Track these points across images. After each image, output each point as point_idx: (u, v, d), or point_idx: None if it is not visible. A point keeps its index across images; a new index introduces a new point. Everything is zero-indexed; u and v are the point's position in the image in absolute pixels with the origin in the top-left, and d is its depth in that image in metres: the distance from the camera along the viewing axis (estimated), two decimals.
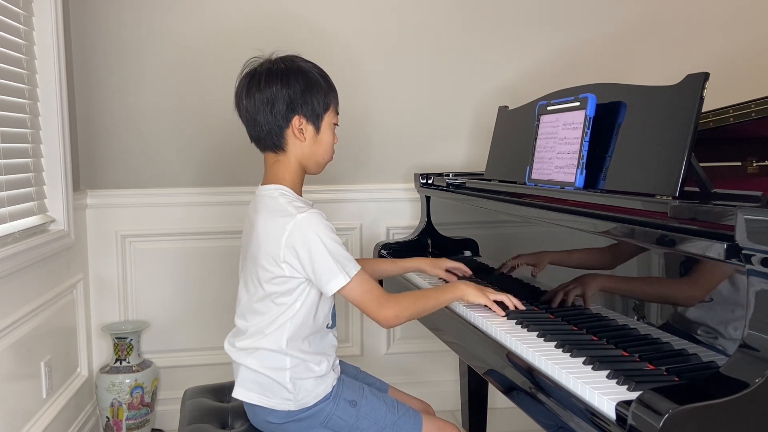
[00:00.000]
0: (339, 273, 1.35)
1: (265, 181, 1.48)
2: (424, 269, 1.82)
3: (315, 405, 1.42)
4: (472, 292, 1.52)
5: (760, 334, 0.96)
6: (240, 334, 1.46)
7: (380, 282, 2.18)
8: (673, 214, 1.13)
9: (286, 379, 1.40)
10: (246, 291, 1.46)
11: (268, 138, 1.44)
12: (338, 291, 1.37)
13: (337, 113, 1.50)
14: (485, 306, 1.54)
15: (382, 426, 1.44)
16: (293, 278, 1.38)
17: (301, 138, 1.43)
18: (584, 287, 1.40)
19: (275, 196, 1.42)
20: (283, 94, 1.40)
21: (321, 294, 1.41)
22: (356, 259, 1.42)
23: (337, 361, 1.52)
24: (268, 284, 1.40)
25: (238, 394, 1.45)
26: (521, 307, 1.51)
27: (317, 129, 1.45)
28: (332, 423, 1.43)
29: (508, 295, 1.53)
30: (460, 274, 1.81)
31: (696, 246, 1.06)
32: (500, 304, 1.52)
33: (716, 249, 1.01)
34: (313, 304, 1.42)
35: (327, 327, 1.48)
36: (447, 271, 1.80)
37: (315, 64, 1.48)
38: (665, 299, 1.19)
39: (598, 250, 1.37)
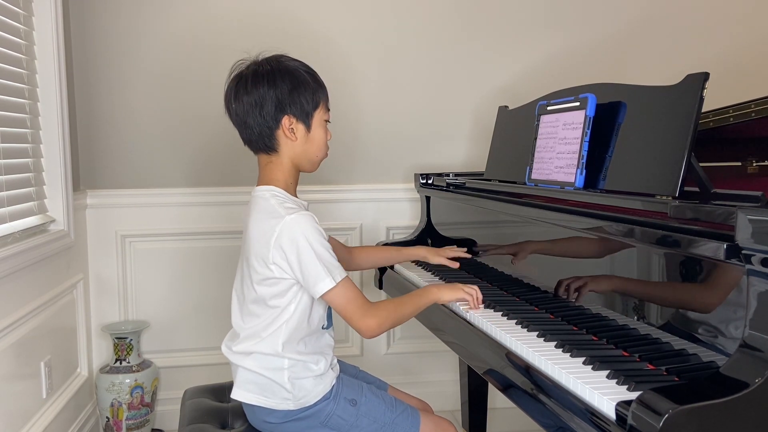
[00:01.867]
0: (326, 276, 1.35)
1: (259, 182, 1.48)
2: (426, 257, 1.84)
3: (315, 404, 1.42)
4: (445, 292, 1.55)
5: (760, 334, 0.96)
6: (236, 337, 1.46)
7: (383, 270, 2.18)
8: (673, 214, 1.13)
9: (285, 379, 1.40)
10: (241, 292, 1.46)
11: (259, 140, 1.44)
12: (323, 295, 1.36)
13: (328, 109, 1.48)
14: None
15: (381, 424, 1.44)
16: (283, 280, 1.38)
17: (293, 138, 1.43)
18: (596, 287, 1.40)
19: (267, 197, 1.42)
20: (271, 96, 1.40)
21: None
22: (358, 247, 1.40)
23: (336, 360, 1.52)
24: (260, 286, 1.40)
25: (237, 395, 1.45)
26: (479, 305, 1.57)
27: (308, 127, 1.44)
28: (332, 422, 1.43)
29: (476, 288, 1.56)
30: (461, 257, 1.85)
31: (696, 246, 1.06)
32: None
33: (716, 249, 1.01)
34: (306, 307, 1.41)
35: (322, 328, 1.48)
36: (450, 258, 1.83)
37: (302, 62, 1.47)
38: (675, 303, 1.19)
39: (595, 246, 1.37)
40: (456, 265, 1.83)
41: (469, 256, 1.88)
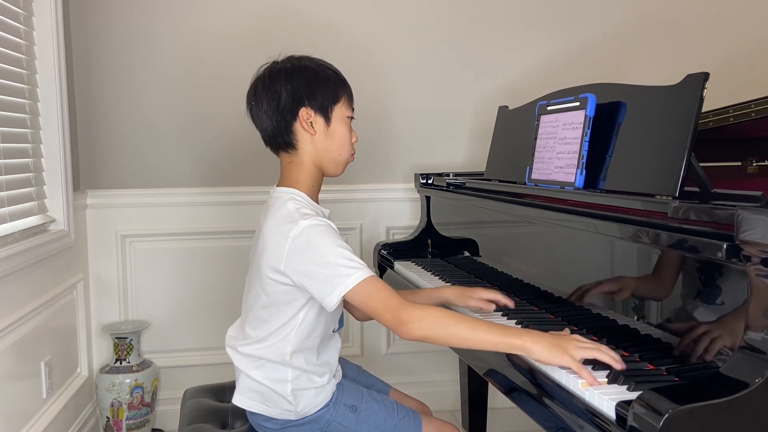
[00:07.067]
0: (339, 283, 1.26)
1: (279, 183, 1.43)
2: (449, 300, 1.55)
3: (315, 412, 1.41)
4: (542, 349, 1.15)
5: (760, 335, 0.96)
6: (243, 338, 1.43)
7: (383, 270, 2.16)
8: (673, 214, 1.13)
9: (287, 391, 1.38)
10: (250, 296, 1.42)
11: (278, 136, 1.40)
12: (344, 297, 1.27)
13: (352, 108, 1.45)
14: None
15: (382, 430, 1.43)
16: (294, 289, 1.33)
17: (311, 131, 1.38)
18: (596, 287, 1.40)
19: (285, 200, 1.36)
20: (288, 89, 1.37)
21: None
22: None
23: (339, 367, 1.50)
24: (270, 292, 1.35)
25: (237, 401, 1.43)
26: (622, 366, 1.11)
27: (327, 121, 1.39)
28: (332, 429, 1.41)
29: (601, 348, 1.14)
30: (500, 304, 1.50)
31: (696, 246, 1.06)
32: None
33: (716, 249, 1.01)
34: (318, 315, 1.37)
35: (333, 331, 1.45)
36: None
37: (325, 62, 1.45)
38: (675, 304, 1.19)
39: (594, 246, 1.37)
40: (491, 307, 1.50)
41: (507, 303, 1.50)
